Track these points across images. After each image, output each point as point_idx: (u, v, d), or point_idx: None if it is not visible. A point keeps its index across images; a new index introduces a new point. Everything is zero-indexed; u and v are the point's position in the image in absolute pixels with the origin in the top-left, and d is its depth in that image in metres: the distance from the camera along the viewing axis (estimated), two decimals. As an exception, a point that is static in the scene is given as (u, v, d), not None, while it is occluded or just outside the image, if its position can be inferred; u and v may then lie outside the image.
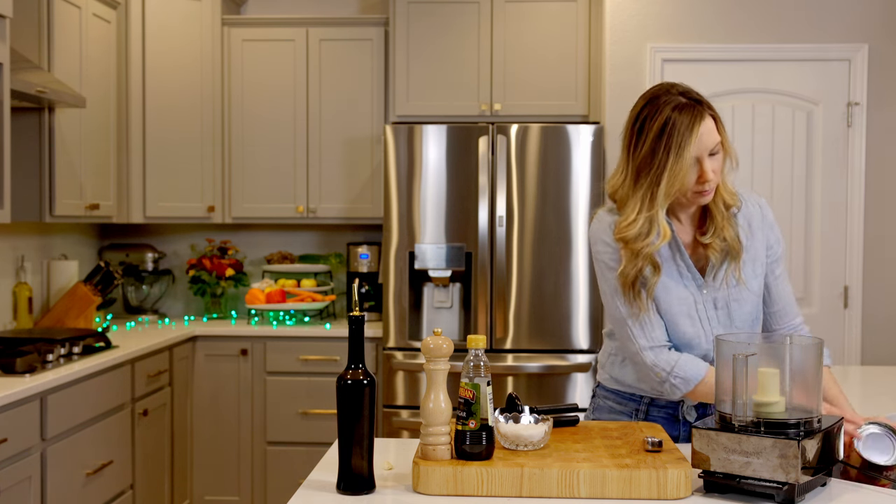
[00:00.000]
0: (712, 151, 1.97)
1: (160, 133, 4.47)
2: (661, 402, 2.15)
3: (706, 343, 2.07)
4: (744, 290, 2.08)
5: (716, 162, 1.98)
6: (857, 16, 4.10)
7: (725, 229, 2.04)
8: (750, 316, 2.11)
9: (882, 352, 4.14)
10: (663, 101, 1.98)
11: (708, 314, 2.07)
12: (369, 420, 1.70)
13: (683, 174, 1.93)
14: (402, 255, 4.18)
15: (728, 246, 2.05)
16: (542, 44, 4.42)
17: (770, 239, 2.14)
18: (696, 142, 1.93)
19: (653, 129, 1.96)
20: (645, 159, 1.97)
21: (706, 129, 1.95)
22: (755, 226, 2.12)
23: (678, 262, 2.06)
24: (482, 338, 1.77)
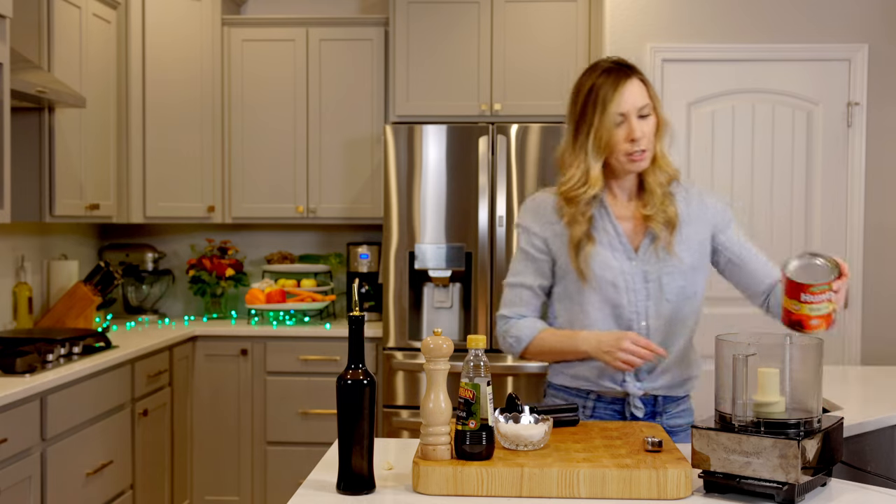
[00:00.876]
0: (642, 113, 2.08)
1: (160, 133, 4.47)
2: (606, 398, 2.17)
3: (630, 313, 2.12)
4: (676, 263, 2.12)
5: (646, 125, 2.09)
6: (856, 16, 4.10)
7: (666, 203, 2.12)
8: (683, 291, 2.14)
9: (882, 352, 4.14)
10: (595, 68, 2.14)
11: (636, 286, 2.12)
12: (369, 420, 1.70)
13: (609, 129, 2.07)
14: (402, 255, 4.18)
15: (668, 218, 2.12)
16: (542, 44, 4.42)
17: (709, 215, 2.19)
18: (620, 98, 2.07)
19: (584, 90, 2.12)
20: (579, 120, 2.12)
21: (632, 89, 2.08)
22: (693, 209, 2.18)
23: (609, 231, 2.14)
24: (482, 338, 1.77)
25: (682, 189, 2.20)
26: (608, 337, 2.07)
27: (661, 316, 2.14)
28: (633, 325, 2.13)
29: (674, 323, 2.15)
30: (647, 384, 2.15)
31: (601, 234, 2.14)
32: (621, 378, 2.14)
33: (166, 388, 4.08)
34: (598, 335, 2.09)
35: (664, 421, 2.19)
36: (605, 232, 2.14)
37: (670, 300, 2.13)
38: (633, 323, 2.13)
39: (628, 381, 2.14)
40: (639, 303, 2.13)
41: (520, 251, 2.23)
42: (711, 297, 4.14)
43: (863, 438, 2.52)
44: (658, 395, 2.18)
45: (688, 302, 2.16)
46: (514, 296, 2.22)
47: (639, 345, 2.02)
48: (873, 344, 4.15)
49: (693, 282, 2.16)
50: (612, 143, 2.08)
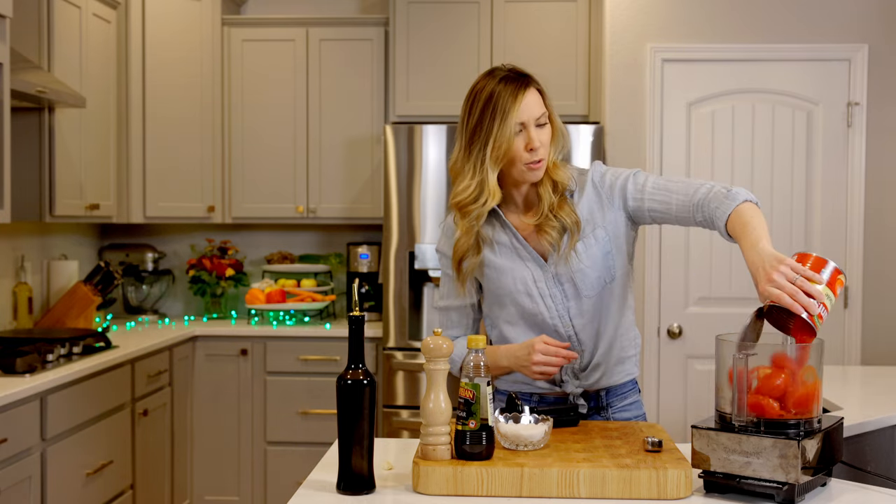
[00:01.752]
0: (539, 122, 2.06)
1: (160, 133, 4.47)
2: (549, 397, 2.16)
3: (550, 318, 2.11)
4: (585, 259, 2.09)
5: (543, 133, 2.07)
6: (856, 16, 4.10)
7: (560, 209, 2.08)
8: (599, 282, 2.11)
9: (882, 352, 4.14)
10: (491, 76, 2.10)
11: (550, 291, 2.11)
12: (369, 420, 1.70)
13: (509, 139, 2.02)
14: (402, 255, 4.18)
15: (564, 225, 2.08)
16: (542, 44, 4.42)
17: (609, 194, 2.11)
18: (520, 108, 2.03)
19: (481, 99, 2.06)
20: (475, 129, 2.07)
21: (530, 99, 2.05)
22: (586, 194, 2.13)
23: (514, 245, 2.12)
24: (482, 338, 1.77)
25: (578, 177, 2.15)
26: (521, 350, 2.06)
27: (585, 313, 2.12)
28: (559, 329, 2.11)
29: (598, 314, 2.13)
30: (584, 381, 2.15)
31: (507, 249, 2.12)
32: (559, 378, 2.14)
33: (166, 388, 4.08)
34: (513, 349, 2.09)
35: (611, 416, 2.17)
36: (511, 247, 2.12)
37: (589, 295, 2.11)
38: (560, 328, 2.11)
39: (567, 381, 2.14)
40: (558, 305, 2.11)
41: (442, 275, 2.23)
42: (712, 297, 4.17)
43: (863, 438, 2.52)
44: (600, 390, 2.16)
45: (606, 289, 2.12)
46: (444, 318, 2.23)
47: (548, 353, 2.01)
48: (873, 344, 4.15)
49: (608, 268, 2.11)
50: (512, 153, 2.03)
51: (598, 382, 2.16)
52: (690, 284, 4.14)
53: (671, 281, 4.14)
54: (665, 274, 4.14)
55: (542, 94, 2.10)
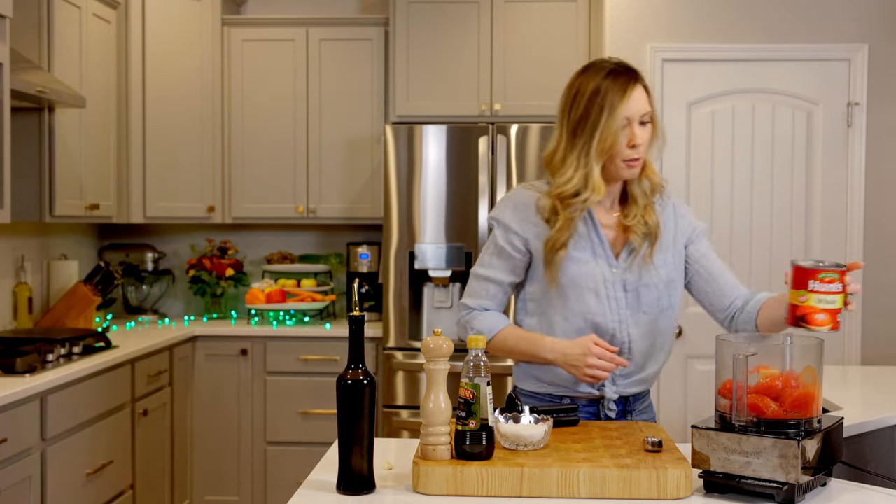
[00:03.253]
0: (643, 120, 2.06)
1: (160, 133, 4.47)
2: (581, 400, 2.15)
3: (612, 322, 2.10)
4: (654, 276, 2.10)
5: (645, 132, 2.06)
6: (856, 16, 4.10)
7: (647, 213, 2.10)
8: (659, 303, 2.12)
9: (882, 352, 4.14)
10: (597, 69, 2.09)
11: (616, 294, 2.10)
12: (369, 420, 1.70)
13: (615, 133, 2.02)
14: (402, 255, 4.18)
15: (649, 230, 2.10)
16: (542, 44, 4.42)
17: (683, 227, 2.18)
18: (628, 103, 2.03)
19: (587, 91, 2.06)
20: (580, 120, 2.06)
21: (638, 94, 2.05)
22: (667, 215, 2.17)
23: (592, 238, 2.11)
24: (482, 338, 1.77)
25: (660, 199, 2.18)
26: (574, 350, 2.04)
27: (639, 326, 2.12)
28: (616, 334, 2.10)
29: (653, 335, 2.13)
30: (622, 389, 2.15)
31: (585, 241, 2.10)
32: (599, 383, 2.13)
33: (166, 388, 4.08)
34: (564, 346, 2.06)
35: (632, 419, 2.19)
36: (588, 239, 2.11)
37: (646, 312, 2.11)
38: (616, 332, 2.10)
39: (606, 386, 2.14)
40: (621, 311, 2.10)
41: (494, 245, 2.17)
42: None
43: (863, 438, 2.52)
44: (629, 395, 2.18)
45: (663, 315, 2.14)
46: (481, 288, 2.18)
47: (604, 357, 2.01)
48: (873, 344, 4.15)
49: (668, 295, 2.14)
50: (615, 147, 2.03)
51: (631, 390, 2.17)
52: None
53: (671, 281, 4.13)
54: (665, 274, 4.13)
55: (648, 92, 2.09)
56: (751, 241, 4.13)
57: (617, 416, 2.16)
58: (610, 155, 2.04)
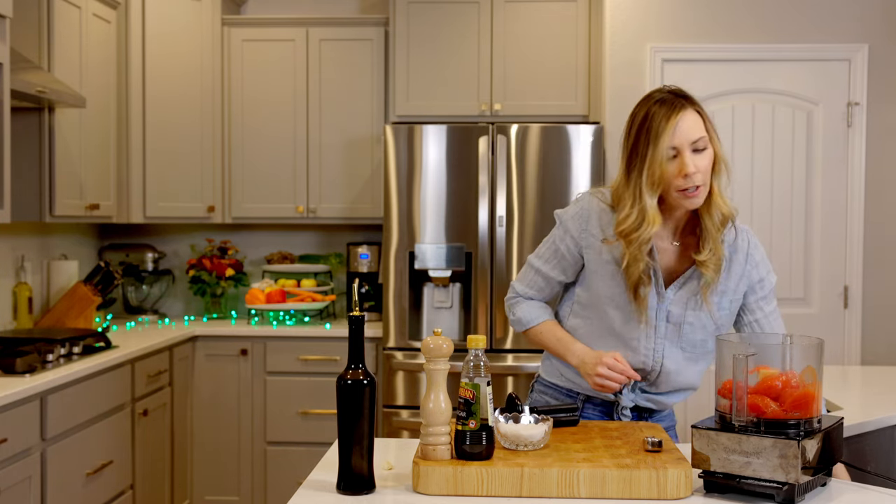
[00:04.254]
0: (697, 147, 1.97)
1: (160, 133, 4.47)
2: (596, 399, 2.16)
3: (646, 348, 2.08)
4: (703, 315, 2.06)
5: (701, 159, 1.97)
6: (856, 16, 4.10)
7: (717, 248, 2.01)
8: (704, 346, 2.09)
9: (882, 352, 4.14)
10: (650, 98, 2.03)
11: (657, 323, 2.07)
12: (369, 420, 1.70)
13: (660, 163, 1.95)
14: (402, 255, 4.18)
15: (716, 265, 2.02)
16: (542, 44, 4.42)
17: (753, 277, 2.09)
18: (672, 131, 1.95)
19: (636, 122, 2.02)
20: (631, 153, 2.02)
21: (686, 121, 1.97)
22: (737, 259, 2.08)
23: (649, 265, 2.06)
24: (482, 338, 1.77)
25: (733, 231, 2.07)
26: (591, 358, 2.06)
27: (675, 360, 2.09)
28: (647, 360, 2.09)
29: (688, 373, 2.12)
30: (638, 399, 2.15)
31: None
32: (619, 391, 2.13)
33: (166, 388, 4.08)
34: (584, 354, 2.08)
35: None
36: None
37: (685, 349, 2.09)
38: (649, 359, 2.09)
39: (624, 394, 2.13)
40: (657, 339, 2.08)
41: (552, 241, 2.18)
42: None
43: (863, 438, 2.52)
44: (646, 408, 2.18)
45: (705, 358, 2.13)
46: (531, 278, 2.21)
47: (615, 370, 2.01)
48: (873, 344, 4.15)
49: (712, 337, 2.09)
50: (666, 178, 1.96)
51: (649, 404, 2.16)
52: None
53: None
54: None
55: (703, 116, 2.00)
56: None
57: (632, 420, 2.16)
58: (663, 186, 1.97)
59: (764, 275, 2.10)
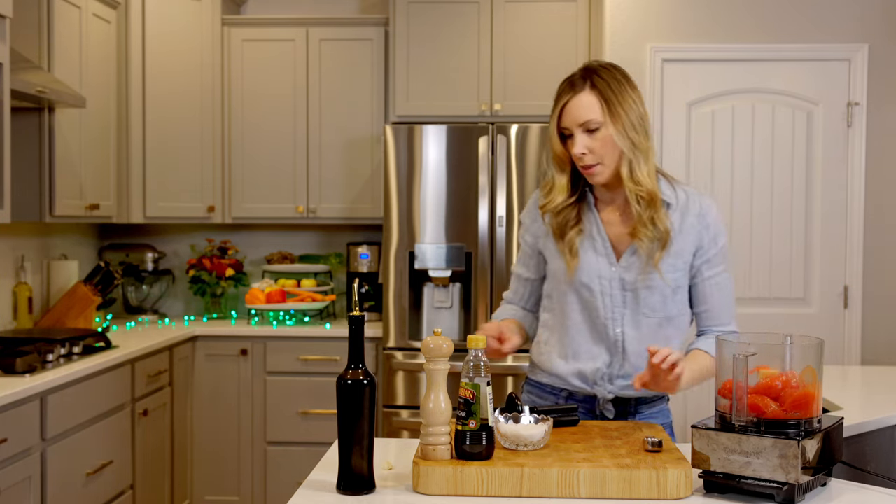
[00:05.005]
0: (588, 128, 2.04)
1: (160, 133, 4.47)
2: (578, 395, 2.16)
3: (603, 318, 2.12)
4: (657, 279, 2.08)
5: (592, 140, 2.04)
6: (856, 16, 4.10)
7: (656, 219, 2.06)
8: (664, 309, 2.11)
9: (882, 352, 4.14)
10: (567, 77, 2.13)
11: (612, 292, 2.11)
12: (369, 420, 1.70)
13: (556, 143, 2.09)
14: (402, 255, 4.18)
15: (658, 235, 2.07)
16: (542, 44, 4.42)
17: (703, 240, 2.12)
18: (559, 113, 2.07)
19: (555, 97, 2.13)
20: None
21: (576, 103, 2.05)
22: (689, 220, 2.11)
23: (595, 236, 2.13)
24: (482, 338, 1.77)
25: (683, 197, 2.12)
26: None
27: (640, 328, 2.11)
28: (608, 330, 2.12)
29: (656, 340, 2.10)
30: (618, 389, 2.15)
31: (587, 239, 2.13)
32: (592, 381, 2.14)
33: (166, 388, 4.08)
34: None
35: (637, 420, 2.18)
36: (591, 236, 2.13)
37: (648, 315, 2.10)
38: (609, 329, 2.12)
39: (599, 385, 2.14)
40: (615, 308, 2.11)
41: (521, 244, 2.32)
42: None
43: (863, 438, 2.52)
44: (630, 398, 2.17)
45: (671, 322, 2.13)
46: (512, 282, 2.34)
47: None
48: (873, 344, 4.15)
49: (675, 301, 2.12)
50: (565, 156, 2.10)
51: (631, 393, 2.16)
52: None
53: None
54: (665, 274, 4.13)
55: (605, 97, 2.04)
56: (751, 241, 4.13)
57: (616, 417, 2.15)
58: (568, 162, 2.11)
59: (711, 237, 2.13)
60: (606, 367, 2.13)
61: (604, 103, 2.04)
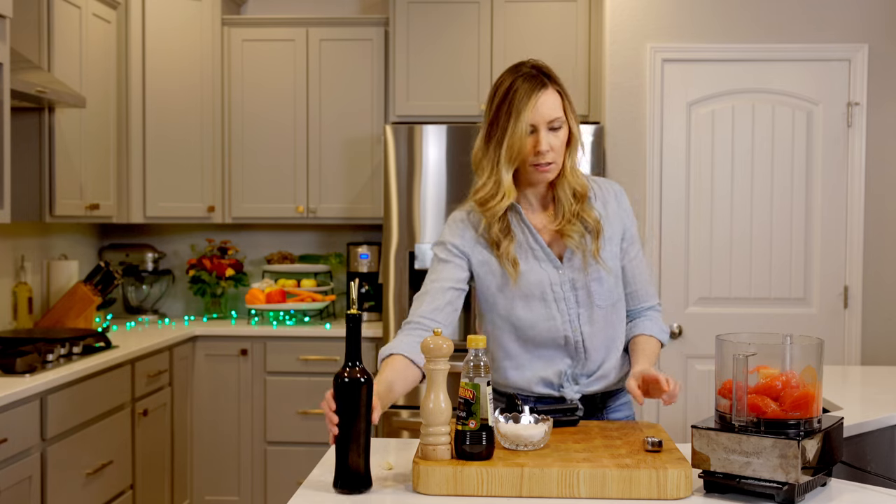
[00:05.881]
0: (552, 126, 2.05)
1: (160, 133, 4.47)
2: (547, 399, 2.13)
3: (562, 324, 2.10)
4: (602, 270, 2.10)
5: (555, 138, 2.05)
6: (856, 16, 4.10)
7: (584, 213, 2.09)
8: (611, 296, 2.13)
9: (882, 352, 4.14)
10: (514, 71, 2.11)
11: (566, 295, 2.10)
12: (366, 418, 1.70)
13: (520, 139, 2.02)
14: (402, 255, 4.18)
15: (589, 228, 2.10)
16: (542, 44, 4.41)
17: (625, 221, 2.18)
18: (532, 109, 2.03)
19: (500, 94, 2.07)
20: (492, 124, 2.09)
21: (546, 101, 2.05)
22: (611, 210, 2.16)
23: (531, 245, 2.11)
24: (482, 338, 1.77)
25: (597, 187, 2.17)
26: None
27: (595, 322, 2.11)
28: (568, 335, 2.10)
29: (606, 328, 2.13)
30: (584, 388, 2.14)
31: (524, 250, 2.11)
32: (558, 384, 2.13)
33: (166, 388, 4.08)
34: None
35: (605, 417, 2.18)
36: (528, 247, 2.11)
37: (601, 306, 2.11)
38: (569, 332, 2.10)
39: (566, 387, 2.13)
40: (570, 311, 2.10)
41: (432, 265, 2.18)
42: (712, 297, 4.16)
43: (863, 438, 2.52)
44: (597, 394, 2.17)
45: (615, 308, 2.15)
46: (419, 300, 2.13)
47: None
48: (873, 344, 4.15)
49: (618, 286, 2.15)
50: (522, 155, 2.05)
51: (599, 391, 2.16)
52: (690, 285, 4.14)
53: (671, 281, 4.14)
54: (665, 274, 4.14)
55: (563, 96, 2.09)
56: (751, 241, 4.13)
57: (585, 416, 2.14)
58: (520, 160, 2.06)
59: (630, 219, 2.20)
60: (570, 369, 2.13)
61: (565, 101, 2.09)
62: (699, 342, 4.08)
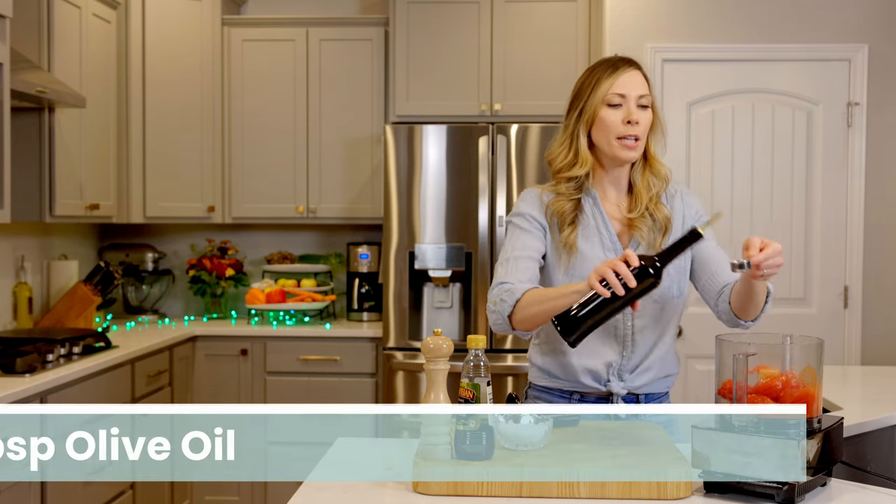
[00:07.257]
0: (641, 102, 2.07)
1: (160, 133, 4.47)
2: (590, 398, 2.14)
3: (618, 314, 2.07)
4: None
5: (644, 115, 2.07)
6: (856, 16, 4.10)
7: (655, 208, 2.11)
8: (669, 291, 2.12)
9: (882, 352, 4.14)
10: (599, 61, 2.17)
11: None
12: (622, 304, 1.79)
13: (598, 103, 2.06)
14: (402, 255, 4.18)
15: (657, 225, 2.11)
16: (542, 44, 4.41)
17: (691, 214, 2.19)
18: (616, 80, 2.06)
19: (583, 75, 2.14)
20: (573, 100, 2.14)
21: (632, 76, 2.08)
22: (676, 204, 2.18)
23: (601, 230, 2.12)
24: (482, 338, 1.77)
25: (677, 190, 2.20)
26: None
27: (647, 315, 2.12)
28: (618, 324, 2.10)
29: (658, 322, 2.14)
30: (629, 383, 2.14)
31: (593, 233, 2.12)
32: (605, 378, 2.13)
33: (166, 388, 4.08)
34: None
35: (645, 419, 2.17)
36: (597, 231, 2.13)
37: (657, 300, 2.11)
38: (619, 322, 2.10)
39: (612, 381, 2.13)
40: None
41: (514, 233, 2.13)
42: (711, 297, 4.14)
43: (863, 438, 2.52)
44: (640, 394, 2.16)
45: (671, 303, 2.15)
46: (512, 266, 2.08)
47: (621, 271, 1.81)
48: (873, 344, 4.15)
49: (678, 282, 2.15)
50: (607, 123, 2.06)
51: (642, 388, 2.15)
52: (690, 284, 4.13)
53: (671, 281, 4.13)
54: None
55: (647, 80, 2.12)
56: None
57: (628, 416, 2.13)
58: (602, 131, 2.07)
59: (700, 207, 2.21)
60: (618, 363, 2.12)
61: (649, 85, 2.12)
62: (699, 342, 4.08)
